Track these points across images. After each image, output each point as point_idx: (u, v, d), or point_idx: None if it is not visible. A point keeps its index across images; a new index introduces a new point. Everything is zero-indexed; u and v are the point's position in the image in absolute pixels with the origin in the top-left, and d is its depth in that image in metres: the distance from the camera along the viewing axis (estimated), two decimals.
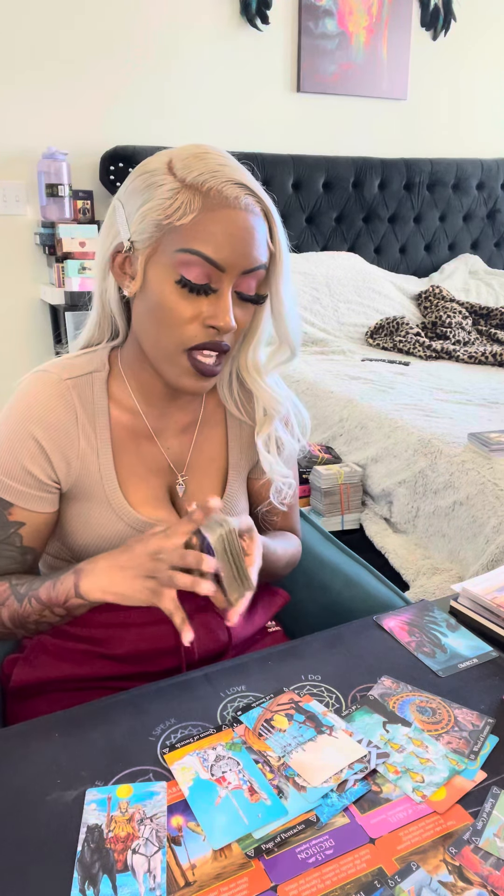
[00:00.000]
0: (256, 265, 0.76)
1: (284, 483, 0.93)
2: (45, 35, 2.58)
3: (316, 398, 2.22)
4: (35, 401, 0.81)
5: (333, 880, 0.54)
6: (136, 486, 0.85)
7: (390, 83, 3.23)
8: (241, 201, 0.73)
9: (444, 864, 0.55)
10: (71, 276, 2.51)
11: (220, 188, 0.73)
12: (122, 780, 0.63)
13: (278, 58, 2.99)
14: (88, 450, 0.83)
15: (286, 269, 0.80)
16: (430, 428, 1.84)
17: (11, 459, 0.80)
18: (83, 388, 0.83)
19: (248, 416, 0.92)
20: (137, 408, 0.86)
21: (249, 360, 0.87)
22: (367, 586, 1.03)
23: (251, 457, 0.94)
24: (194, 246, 0.73)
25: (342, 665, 0.78)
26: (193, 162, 0.74)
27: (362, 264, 3.14)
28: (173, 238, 0.74)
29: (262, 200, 0.76)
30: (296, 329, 0.84)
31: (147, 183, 0.75)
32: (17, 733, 0.69)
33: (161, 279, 0.75)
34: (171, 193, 0.73)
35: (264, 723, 0.70)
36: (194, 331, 0.76)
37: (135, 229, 0.76)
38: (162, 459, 0.88)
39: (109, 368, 0.86)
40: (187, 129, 2.87)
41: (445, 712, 0.71)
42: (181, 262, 0.74)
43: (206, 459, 0.91)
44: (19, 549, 0.83)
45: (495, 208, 3.60)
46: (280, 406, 0.89)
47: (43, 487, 0.81)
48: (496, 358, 2.58)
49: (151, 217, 0.74)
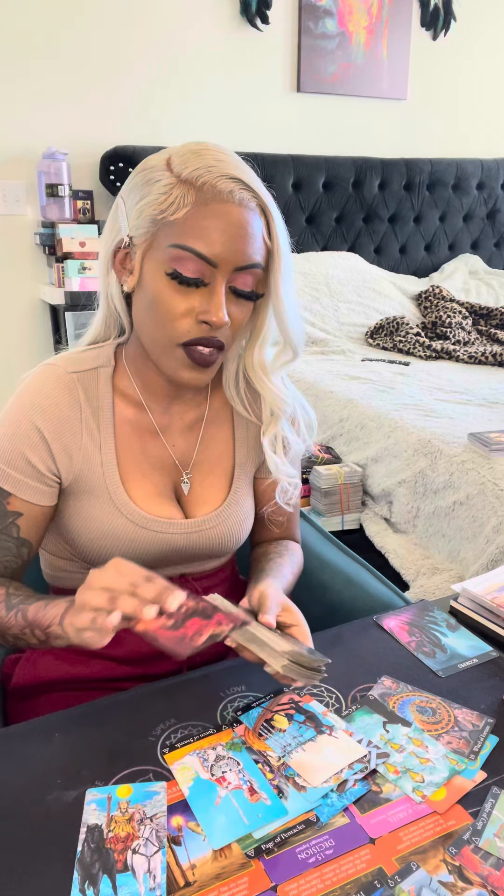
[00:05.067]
0: (250, 262, 0.75)
1: (290, 483, 0.93)
2: (45, 35, 2.58)
3: (316, 398, 2.22)
4: (40, 392, 0.81)
5: (333, 880, 0.54)
6: (139, 482, 0.85)
7: (390, 83, 3.23)
8: (234, 196, 0.73)
9: (444, 864, 0.55)
10: (71, 276, 2.51)
11: (213, 182, 0.72)
12: (122, 780, 0.63)
13: (278, 58, 2.99)
14: (91, 444, 0.83)
15: (286, 268, 0.79)
16: (430, 428, 1.84)
17: (12, 448, 0.80)
18: (88, 382, 0.83)
19: (254, 416, 0.92)
20: (143, 403, 0.86)
21: (255, 359, 0.86)
22: (367, 586, 1.03)
23: (258, 456, 0.93)
24: (186, 241, 0.73)
25: (342, 665, 0.78)
26: (191, 158, 0.74)
27: (362, 264, 3.14)
28: (167, 233, 0.74)
29: (259, 196, 0.75)
30: (297, 329, 0.84)
31: (145, 179, 0.76)
32: (17, 733, 0.69)
33: (155, 273, 0.75)
34: (167, 188, 0.73)
35: (264, 723, 0.70)
36: (188, 325, 0.76)
37: (132, 224, 0.76)
38: (167, 456, 0.88)
39: (115, 364, 0.86)
40: (187, 128, 2.87)
41: (445, 712, 0.71)
42: (174, 257, 0.74)
43: (213, 458, 0.91)
44: (16, 541, 0.82)
45: (495, 208, 3.60)
46: (286, 406, 0.88)
47: (42, 479, 0.81)
48: (496, 358, 2.58)
49: (147, 212, 0.75)
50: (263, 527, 0.99)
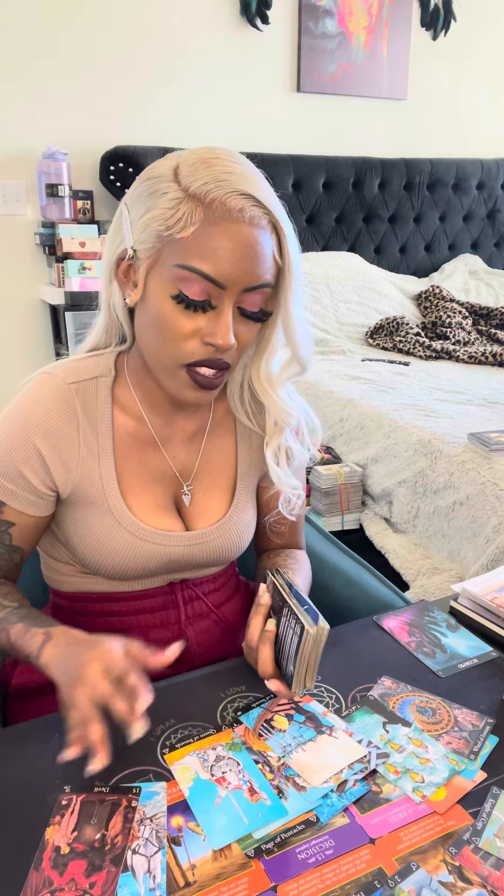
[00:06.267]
0: (260, 283, 0.72)
1: (293, 493, 0.91)
2: (45, 35, 2.58)
3: (316, 398, 2.22)
4: (36, 404, 0.80)
5: (333, 880, 0.54)
6: (139, 495, 0.84)
7: (390, 83, 3.23)
8: (245, 214, 0.69)
9: (444, 864, 0.55)
10: (71, 276, 2.51)
11: (223, 199, 0.69)
12: (122, 780, 0.63)
13: (278, 58, 2.99)
14: (90, 456, 0.81)
15: (296, 285, 0.77)
16: (430, 428, 1.84)
17: (8, 461, 0.79)
18: (87, 392, 0.81)
19: (258, 426, 0.90)
20: (143, 415, 0.84)
21: (262, 371, 0.84)
22: (367, 586, 1.03)
23: (261, 466, 0.92)
24: (193, 262, 0.70)
25: (342, 665, 0.78)
26: (200, 169, 0.70)
27: (362, 264, 3.14)
28: (173, 251, 0.71)
29: (271, 212, 0.72)
30: (306, 345, 0.81)
31: (151, 189, 0.73)
32: (17, 733, 0.69)
33: (160, 292, 0.73)
34: (174, 203, 0.70)
35: (264, 723, 0.70)
36: (193, 347, 0.74)
37: (137, 237, 0.73)
38: (167, 468, 0.86)
39: (115, 374, 0.84)
40: (187, 128, 2.87)
41: (445, 712, 0.71)
42: (180, 278, 0.71)
43: (215, 468, 0.89)
44: (7, 548, 0.82)
45: (495, 208, 3.60)
46: (291, 419, 0.86)
47: (36, 492, 0.80)
48: (496, 358, 2.58)
49: (153, 227, 0.72)
50: (268, 535, 0.98)
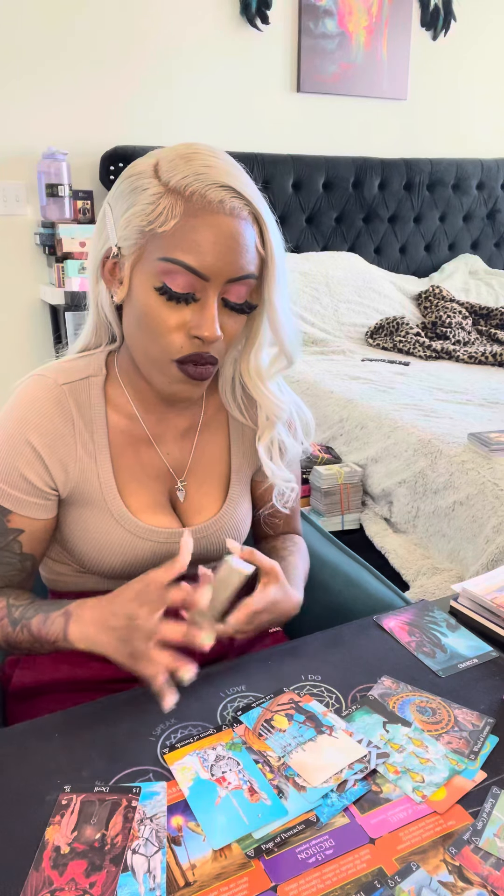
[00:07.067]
0: (242, 274, 0.73)
1: (287, 486, 0.92)
2: (45, 35, 2.58)
3: (316, 398, 2.22)
4: (31, 407, 0.80)
5: (333, 880, 0.54)
6: (135, 492, 0.84)
7: (390, 83, 3.23)
8: (225, 205, 0.70)
9: (444, 864, 0.55)
10: (71, 276, 2.51)
11: (203, 192, 0.70)
12: (122, 780, 0.63)
13: (278, 58, 2.99)
14: (86, 456, 0.82)
15: (280, 276, 0.77)
16: (430, 428, 1.84)
17: (8, 466, 0.79)
18: (80, 393, 0.82)
19: (251, 421, 0.91)
20: (135, 413, 0.85)
21: (251, 365, 0.85)
22: (367, 586, 1.03)
23: (254, 460, 0.93)
24: (176, 255, 0.71)
25: (342, 665, 0.78)
26: (179, 164, 0.71)
27: (362, 264, 3.14)
28: (156, 245, 0.72)
29: (252, 203, 0.73)
30: (292, 337, 0.82)
31: (133, 186, 0.73)
32: (17, 733, 0.69)
33: (145, 287, 0.73)
34: (155, 198, 0.71)
35: (264, 723, 0.70)
36: (180, 341, 0.74)
37: (120, 234, 0.74)
38: (161, 465, 0.87)
39: (107, 373, 0.85)
40: (187, 128, 2.87)
41: (445, 712, 0.71)
42: (164, 271, 0.71)
43: (208, 464, 0.90)
44: (19, 556, 0.82)
45: (495, 208, 3.60)
46: (282, 412, 0.87)
47: (40, 494, 0.81)
48: (496, 358, 2.59)
49: (135, 223, 0.72)
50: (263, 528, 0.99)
